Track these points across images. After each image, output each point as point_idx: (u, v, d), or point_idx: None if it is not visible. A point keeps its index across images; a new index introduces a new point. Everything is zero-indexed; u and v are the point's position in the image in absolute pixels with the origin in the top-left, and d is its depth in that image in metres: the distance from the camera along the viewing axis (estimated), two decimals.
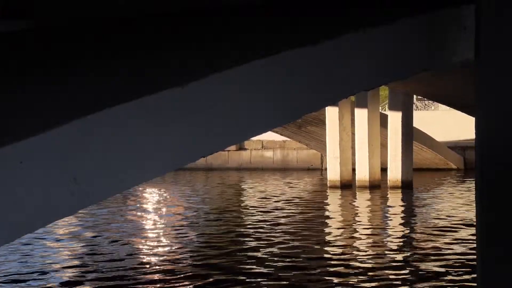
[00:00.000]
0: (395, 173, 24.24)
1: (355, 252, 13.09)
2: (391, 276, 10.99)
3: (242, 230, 16.51)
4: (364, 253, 12.96)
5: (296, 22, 5.36)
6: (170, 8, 5.38)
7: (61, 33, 5.31)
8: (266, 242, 14.20)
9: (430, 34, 5.49)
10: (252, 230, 16.04)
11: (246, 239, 14.89)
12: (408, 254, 12.96)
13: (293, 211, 19.44)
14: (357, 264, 11.97)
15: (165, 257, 12.96)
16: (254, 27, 5.31)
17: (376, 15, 5.35)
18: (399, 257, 12.63)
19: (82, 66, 4.59)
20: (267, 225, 16.65)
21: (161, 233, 15.89)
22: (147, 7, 5.40)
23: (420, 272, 11.25)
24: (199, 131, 4.13)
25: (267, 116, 4.54)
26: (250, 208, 20.50)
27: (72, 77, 4.33)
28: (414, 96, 31.78)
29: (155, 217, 18.72)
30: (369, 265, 11.82)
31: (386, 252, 13.12)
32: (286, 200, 22.16)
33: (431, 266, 11.70)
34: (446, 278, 10.82)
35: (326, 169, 27.16)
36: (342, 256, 12.69)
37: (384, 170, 24.73)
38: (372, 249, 13.35)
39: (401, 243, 14.21)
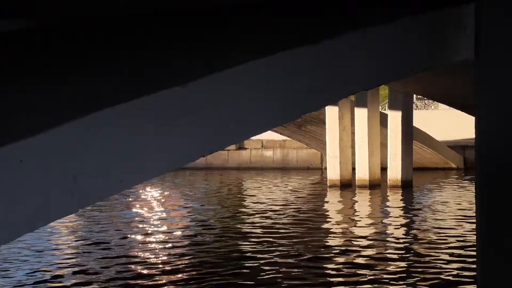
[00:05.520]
0: (395, 172, 24.24)
1: (355, 251, 13.08)
2: (391, 275, 10.99)
3: (242, 229, 16.51)
4: (364, 252, 12.96)
5: (296, 22, 5.35)
6: (170, 8, 5.38)
7: (61, 33, 5.31)
8: (266, 241, 14.20)
9: (430, 34, 5.49)
10: (251, 230, 16.05)
11: (246, 238, 14.89)
12: (408, 253, 12.96)
13: (293, 210, 19.44)
14: (357, 263, 11.98)
15: (165, 257, 12.97)
16: (254, 27, 5.31)
17: (376, 15, 5.34)
18: (399, 256, 12.63)
19: (82, 66, 4.59)
20: (267, 224, 16.65)
21: (161, 233, 15.88)
22: (147, 7, 5.40)
23: (420, 271, 11.25)
24: (199, 131, 4.13)
25: (267, 116, 4.54)
26: (249, 208, 20.50)
27: (72, 77, 4.32)
28: (414, 95, 31.79)
29: (155, 217, 18.71)
30: (369, 264, 11.82)
31: (386, 251, 13.13)
32: (286, 199, 22.16)
33: (431, 265, 11.70)
34: (446, 277, 10.82)
35: (326, 168, 27.16)
36: (342, 255, 12.69)
37: (384, 169, 24.73)
38: (372, 248, 13.35)
39: (401, 242, 14.21)
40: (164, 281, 10.93)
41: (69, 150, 3.55)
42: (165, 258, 12.82)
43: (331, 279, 10.94)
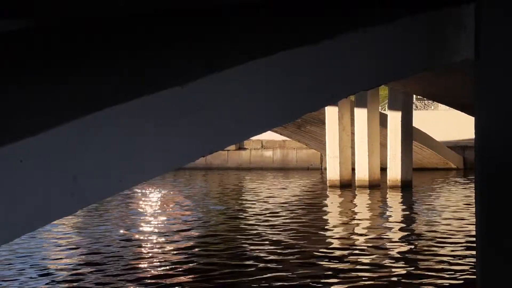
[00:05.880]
0: (394, 172, 24.23)
1: (354, 251, 13.08)
2: (390, 275, 10.99)
3: (242, 230, 16.51)
4: (363, 253, 12.96)
5: (296, 22, 5.35)
6: (170, 8, 5.38)
7: (61, 33, 5.31)
8: (266, 241, 14.21)
9: (430, 34, 5.49)
10: (252, 230, 16.04)
11: (247, 239, 14.89)
12: (408, 253, 12.96)
13: (293, 210, 19.44)
14: (357, 263, 11.98)
15: (167, 257, 12.97)
16: (254, 27, 5.31)
17: (376, 15, 5.35)
18: (399, 256, 12.63)
19: (82, 66, 4.59)
20: (267, 224, 16.65)
21: (163, 233, 15.88)
22: (147, 7, 5.40)
23: (419, 271, 11.25)
24: (199, 131, 4.13)
25: (267, 116, 4.54)
26: (249, 208, 20.50)
27: (72, 77, 4.32)
28: (414, 96, 31.79)
29: (156, 217, 18.71)
30: (369, 264, 11.82)
31: (386, 251, 13.13)
32: (286, 199, 22.17)
33: (431, 265, 11.70)
34: (445, 277, 10.83)
35: (325, 168, 27.16)
36: (342, 255, 12.69)
37: (383, 169, 24.72)
38: (372, 249, 13.35)
39: (401, 243, 14.21)
40: (166, 281, 10.92)
41: (69, 150, 3.55)
42: (167, 258, 12.81)
43: (332, 280, 10.93)
